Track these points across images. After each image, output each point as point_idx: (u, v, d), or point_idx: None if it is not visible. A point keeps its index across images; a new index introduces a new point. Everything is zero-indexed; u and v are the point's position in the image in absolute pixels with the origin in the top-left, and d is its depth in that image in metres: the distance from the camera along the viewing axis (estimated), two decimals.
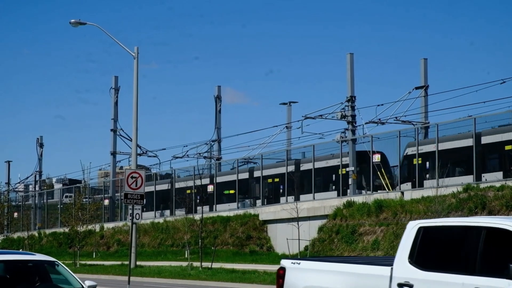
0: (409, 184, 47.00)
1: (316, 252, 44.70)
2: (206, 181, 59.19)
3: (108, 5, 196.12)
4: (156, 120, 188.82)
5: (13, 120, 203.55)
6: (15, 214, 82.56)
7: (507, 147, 41.77)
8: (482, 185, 39.41)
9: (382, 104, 52.53)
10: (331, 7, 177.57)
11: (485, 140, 42.99)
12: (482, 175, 42.20)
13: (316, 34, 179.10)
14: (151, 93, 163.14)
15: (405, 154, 48.27)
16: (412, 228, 12.27)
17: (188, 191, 60.69)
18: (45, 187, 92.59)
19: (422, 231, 12.11)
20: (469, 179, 42.09)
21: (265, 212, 52.21)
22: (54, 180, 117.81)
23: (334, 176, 51.50)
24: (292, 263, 13.87)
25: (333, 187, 51.41)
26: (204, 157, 68.05)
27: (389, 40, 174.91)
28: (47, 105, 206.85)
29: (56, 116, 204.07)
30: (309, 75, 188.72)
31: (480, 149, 42.65)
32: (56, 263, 15.31)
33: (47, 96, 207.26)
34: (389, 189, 47.27)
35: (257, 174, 57.17)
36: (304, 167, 53.75)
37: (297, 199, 50.62)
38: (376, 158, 47.78)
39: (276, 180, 56.39)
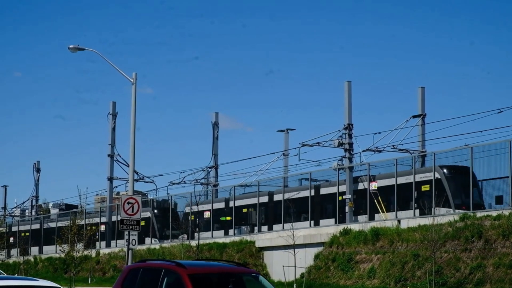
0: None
1: (312, 280, 44.57)
2: (202, 207, 59.12)
3: (105, 26, 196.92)
4: (153, 146, 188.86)
5: (10, 145, 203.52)
6: (11, 239, 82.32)
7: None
8: (478, 214, 39.40)
9: (379, 132, 52.71)
10: (328, 35, 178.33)
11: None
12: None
13: (313, 61, 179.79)
14: (147, 118, 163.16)
15: (184, 212, 61.47)
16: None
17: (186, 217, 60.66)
18: (41, 212, 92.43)
19: None
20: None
21: (262, 239, 52.10)
22: (50, 205, 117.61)
23: (331, 203, 51.49)
24: None
25: (330, 214, 51.39)
26: (201, 184, 67.99)
27: (387, 68, 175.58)
28: (44, 129, 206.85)
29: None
30: (307, 102, 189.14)
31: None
32: None
33: (44, 121, 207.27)
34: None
35: (254, 201, 57.13)
36: (302, 194, 53.69)
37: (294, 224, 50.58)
38: (373, 186, 47.81)
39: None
